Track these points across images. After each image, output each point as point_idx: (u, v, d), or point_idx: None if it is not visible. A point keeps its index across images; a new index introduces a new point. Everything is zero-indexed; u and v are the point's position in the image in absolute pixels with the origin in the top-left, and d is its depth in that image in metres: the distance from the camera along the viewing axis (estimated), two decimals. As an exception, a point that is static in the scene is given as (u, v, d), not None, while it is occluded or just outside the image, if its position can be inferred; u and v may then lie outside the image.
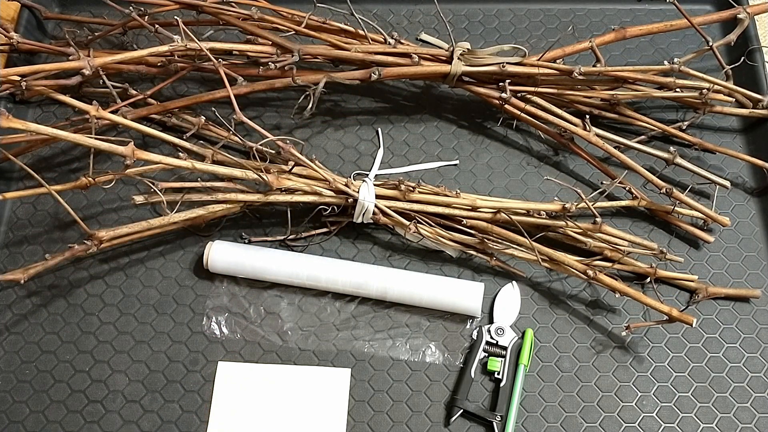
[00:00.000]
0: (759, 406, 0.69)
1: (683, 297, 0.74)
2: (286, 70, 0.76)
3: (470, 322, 0.73)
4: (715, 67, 0.79)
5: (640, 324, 0.70)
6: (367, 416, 0.70)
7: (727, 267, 0.75)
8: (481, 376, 0.71)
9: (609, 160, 0.79)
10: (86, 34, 0.83)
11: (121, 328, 0.74)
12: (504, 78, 0.76)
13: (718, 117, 0.82)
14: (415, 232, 0.72)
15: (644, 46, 0.88)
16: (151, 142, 0.80)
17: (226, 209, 0.73)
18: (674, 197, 0.74)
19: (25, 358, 0.73)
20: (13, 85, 0.76)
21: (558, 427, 0.69)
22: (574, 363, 0.71)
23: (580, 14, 0.90)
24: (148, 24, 0.76)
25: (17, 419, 0.70)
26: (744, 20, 0.79)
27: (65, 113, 0.84)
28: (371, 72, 0.74)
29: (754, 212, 0.78)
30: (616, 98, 0.77)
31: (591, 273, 0.69)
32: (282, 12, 0.78)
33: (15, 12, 0.87)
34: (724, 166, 0.81)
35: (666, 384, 0.70)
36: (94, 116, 0.66)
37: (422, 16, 0.90)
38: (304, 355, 0.72)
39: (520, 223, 0.71)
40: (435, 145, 0.83)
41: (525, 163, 0.81)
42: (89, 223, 0.76)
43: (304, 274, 0.73)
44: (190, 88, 0.85)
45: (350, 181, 0.72)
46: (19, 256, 0.77)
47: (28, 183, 0.80)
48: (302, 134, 0.83)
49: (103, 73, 0.73)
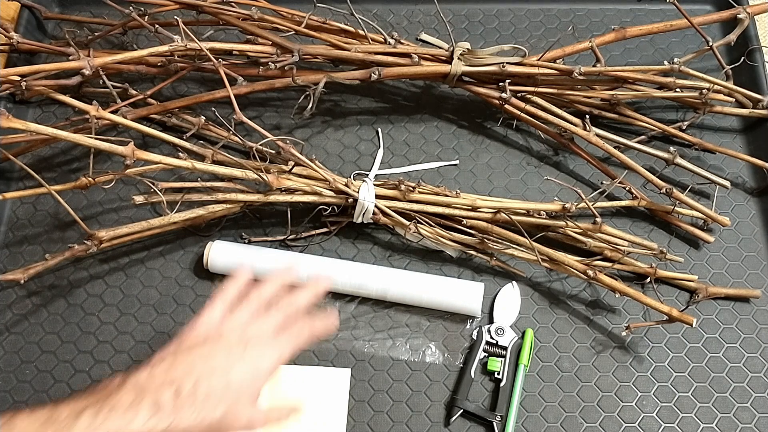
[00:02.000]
0: (759, 406, 0.69)
1: (683, 297, 0.74)
2: (286, 70, 0.75)
3: (470, 322, 0.73)
4: (715, 67, 0.79)
5: (640, 324, 0.70)
6: (367, 416, 0.70)
7: (727, 267, 0.75)
8: (481, 376, 0.71)
9: (609, 160, 0.79)
10: (86, 34, 0.83)
11: (121, 328, 0.74)
12: (504, 78, 0.76)
13: (718, 117, 0.82)
14: (415, 232, 0.72)
15: (644, 46, 0.88)
16: (151, 142, 0.80)
17: (226, 209, 0.73)
18: (674, 197, 0.74)
19: (25, 358, 0.73)
20: (13, 85, 0.76)
21: (558, 427, 0.69)
22: (574, 363, 0.71)
23: (580, 14, 0.90)
24: (148, 24, 0.76)
25: (17, 419, 0.70)
26: (744, 20, 0.79)
27: (65, 113, 0.84)
28: (371, 72, 0.74)
29: (754, 212, 0.78)
30: (616, 98, 0.77)
31: (591, 273, 0.69)
32: (282, 12, 0.78)
33: (15, 12, 0.87)
34: (724, 166, 0.81)
35: (666, 384, 0.70)
36: (94, 116, 0.66)
37: (422, 16, 0.90)
38: (304, 355, 0.72)
39: (520, 223, 0.71)
40: (435, 145, 0.83)
41: (525, 163, 0.81)
42: (89, 223, 0.76)
43: (304, 274, 0.73)
44: (190, 88, 0.85)
45: (350, 181, 0.72)
46: (19, 256, 0.77)
47: (28, 183, 0.80)
48: (302, 134, 0.83)
49: (103, 73, 0.73)
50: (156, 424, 0.47)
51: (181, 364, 0.51)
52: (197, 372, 0.50)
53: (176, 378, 0.50)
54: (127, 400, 0.48)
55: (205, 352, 0.52)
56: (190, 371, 0.50)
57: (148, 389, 0.48)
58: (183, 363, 0.51)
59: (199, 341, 0.53)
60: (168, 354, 0.52)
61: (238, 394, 0.52)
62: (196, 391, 0.50)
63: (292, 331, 0.57)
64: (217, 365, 0.52)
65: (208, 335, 0.54)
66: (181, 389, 0.49)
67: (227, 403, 0.51)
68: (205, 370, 0.51)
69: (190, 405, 0.49)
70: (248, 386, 0.52)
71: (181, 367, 0.51)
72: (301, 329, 0.57)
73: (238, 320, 0.56)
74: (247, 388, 0.52)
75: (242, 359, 0.53)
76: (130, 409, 0.47)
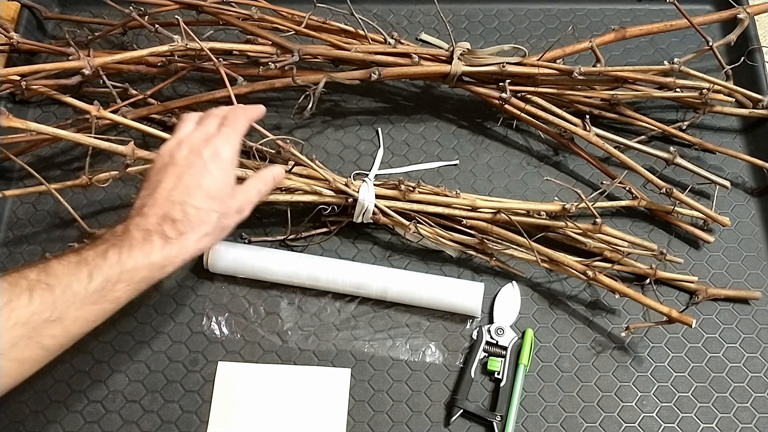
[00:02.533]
0: (759, 406, 0.69)
1: (683, 297, 0.74)
2: (286, 70, 0.76)
3: (470, 322, 0.73)
4: (715, 67, 0.79)
5: (639, 325, 0.70)
6: (367, 416, 0.70)
7: (727, 267, 0.75)
8: (481, 376, 0.71)
9: (609, 160, 0.79)
10: (86, 34, 0.83)
11: (121, 328, 0.74)
12: (504, 78, 0.76)
13: (718, 117, 0.82)
14: (414, 232, 0.72)
15: (644, 46, 0.88)
16: (151, 142, 0.80)
17: (226, 209, 0.72)
18: (674, 197, 0.74)
19: (25, 358, 0.72)
20: (13, 85, 0.76)
21: (558, 427, 0.69)
22: (574, 363, 0.71)
23: (580, 14, 0.90)
24: (148, 24, 0.76)
25: (17, 419, 0.70)
26: (744, 20, 0.79)
27: (65, 113, 0.84)
28: (371, 72, 0.74)
29: (754, 212, 0.78)
30: (616, 98, 0.77)
31: (591, 274, 0.69)
32: (282, 12, 0.78)
33: (15, 12, 0.87)
34: (724, 166, 0.81)
35: (666, 384, 0.70)
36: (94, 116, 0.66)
37: (422, 16, 0.90)
38: (304, 355, 0.72)
39: (520, 224, 0.71)
40: (435, 145, 0.83)
41: (525, 163, 0.81)
42: (89, 223, 0.75)
43: (304, 274, 0.73)
44: (190, 88, 0.85)
45: (350, 181, 0.72)
46: (19, 255, 0.77)
47: (28, 183, 0.80)
48: (302, 134, 0.83)
49: (103, 73, 0.73)
50: (169, 251, 0.56)
51: (160, 198, 0.57)
52: (178, 198, 0.57)
53: (164, 211, 0.56)
54: (139, 238, 0.55)
55: (174, 179, 0.58)
56: (172, 200, 0.57)
57: (149, 227, 0.56)
58: (161, 196, 0.57)
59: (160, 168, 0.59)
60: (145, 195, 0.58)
61: (220, 195, 0.59)
62: (186, 213, 0.57)
63: (229, 118, 0.63)
64: (190, 184, 0.58)
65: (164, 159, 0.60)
66: (175, 218, 0.56)
67: (215, 207, 0.58)
68: (183, 194, 0.57)
69: (188, 226, 0.57)
70: (222, 183, 0.59)
71: (161, 200, 0.57)
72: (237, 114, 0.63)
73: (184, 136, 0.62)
74: (222, 185, 0.59)
75: (205, 167, 0.59)
76: (145, 245, 0.55)
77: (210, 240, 0.59)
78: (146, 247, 0.55)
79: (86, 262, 0.53)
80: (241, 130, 0.63)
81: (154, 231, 0.55)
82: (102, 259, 0.53)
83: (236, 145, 0.61)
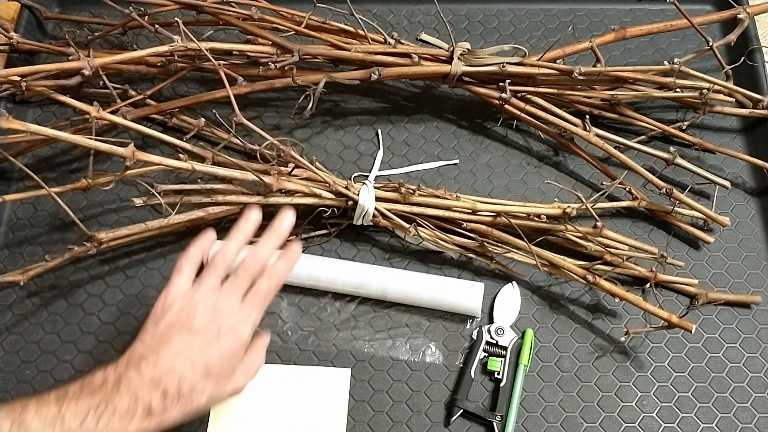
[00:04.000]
0: (759, 406, 0.69)
1: (683, 299, 0.74)
2: (286, 70, 0.75)
3: (470, 322, 0.73)
4: (715, 67, 0.79)
5: (639, 330, 0.70)
6: (367, 416, 0.70)
7: (727, 267, 0.75)
8: (481, 376, 0.71)
9: (609, 160, 0.79)
10: (86, 34, 0.83)
11: (121, 328, 0.74)
12: (504, 78, 0.76)
13: (718, 117, 0.82)
14: (415, 235, 0.72)
15: (644, 46, 0.88)
16: (151, 143, 0.80)
17: (226, 211, 0.72)
18: (674, 197, 0.74)
19: (25, 358, 0.73)
20: (13, 85, 0.76)
21: (558, 427, 0.69)
22: (574, 363, 0.71)
23: (580, 14, 0.90)
24: (148, 24, 0.76)
25: (18, 419, 0.70)
26: (744, 20, 0.79)
27: (65, 113, 0.84)
28: (371, 72, 0.74)
29: (754, 212, 0.78)
30: (616, 98, 0.77)
31: (591, 278, 0.69)
32: (282, 12, 0.78)
33: (15, 12, 0.87)
34: (724, 166, 0.81)
35: (666, 384, 0.70)
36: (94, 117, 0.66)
37: (422, 16, 0.90)
38: (304, 355, 0.72)
39: (520, 227, 0.71)
40: (435, 145, 0.83)
41: (525, 163, 0.81)
42: (89, 224, 0.76)
43: (304, 274, 0.73)
44: (190, 88, 0.85)
45: (350, 184, 0.72)
46: (19, 256, 0.77)
47: (28, 183, 0.80)
48: (302, 134, 0.83)
49: (103, 74, 0.73)
50: (146, 426, 0.53)
51: (163, 360, 0.54)
52: (179, 369, 0.54)
53: (162, 377, 0.54)
54: (124, 405, 0.53)
55: (183, 344, 0.55)
56: (173, 369, 0.54)
57: (140, 394, 0.53)
58: (165, 359, 0.54)
59: (174, 323, 0.56)
60: (148, 346, 0.55)
61: (220, 374, 0.56)
62: (180, 389, 0.54)
63: (260, 288, 0.59)
64: (196, 358, 0.55)
65: (180, 314, 0.56)
66: (168, 390, 0.54)
67: (209, 389, 0.56)
68: (186, 365, 0.55)
69: (176, 403, 0.54)
70: (228, 362, 0.57)
71: (163, 364, 0.54)
72: (269, 283, 0.59)
73: (206, 289, 0.58)
74: (227, 364, 0.57)
75: (218, 341, 0.56)
76: (127, 414, 0.52)
77: (186, 417, 0.55)
78: (126, 418, 0.52)
79: (62, 422, 0.51)
80: (271, 297, 0.59)
81: (140, 401, 0.53)
82: (78, 422, 0.51)
83: (258, 321, 0.58)
